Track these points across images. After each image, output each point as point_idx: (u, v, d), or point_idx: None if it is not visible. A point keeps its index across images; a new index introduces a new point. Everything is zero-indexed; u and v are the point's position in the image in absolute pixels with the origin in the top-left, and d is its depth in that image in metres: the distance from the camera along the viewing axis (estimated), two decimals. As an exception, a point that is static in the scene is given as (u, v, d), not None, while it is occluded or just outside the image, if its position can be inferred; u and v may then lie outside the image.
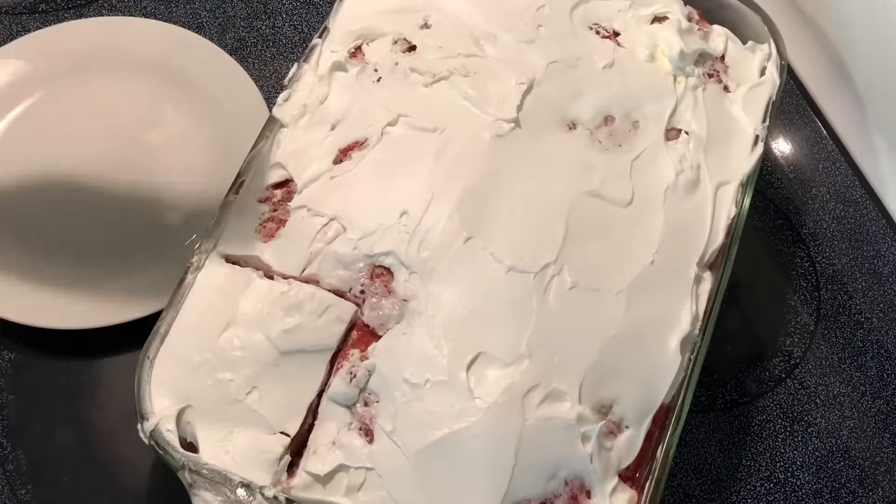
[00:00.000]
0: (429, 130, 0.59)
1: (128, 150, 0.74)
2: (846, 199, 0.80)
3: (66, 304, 0.65)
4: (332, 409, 0.51)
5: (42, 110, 0.75)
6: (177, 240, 0.69)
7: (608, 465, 0.51)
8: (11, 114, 0.74)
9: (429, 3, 0.66)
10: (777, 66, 0.67)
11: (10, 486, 0.61)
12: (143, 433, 0.49)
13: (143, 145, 0.74)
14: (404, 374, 0.51)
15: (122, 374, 0.65)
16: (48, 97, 0.75)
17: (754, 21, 0.70)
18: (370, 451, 0.50)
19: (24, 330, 0.64)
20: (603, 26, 0.67)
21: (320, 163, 0.59)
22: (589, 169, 0.59)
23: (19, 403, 0.64)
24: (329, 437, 0.51)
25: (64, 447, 0.63)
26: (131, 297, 0.65)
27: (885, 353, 0.73)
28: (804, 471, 0.67)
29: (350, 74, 0.63)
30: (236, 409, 0.50)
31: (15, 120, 0.74)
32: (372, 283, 0.55)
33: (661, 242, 0.57)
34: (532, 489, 0.49)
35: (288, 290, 0.53)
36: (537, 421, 0.50)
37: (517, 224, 0.56)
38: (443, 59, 0.63)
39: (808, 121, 0.85)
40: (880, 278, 0.76)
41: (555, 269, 0.55)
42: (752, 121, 0.64)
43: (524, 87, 0.61)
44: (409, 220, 0.55)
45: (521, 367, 0.52)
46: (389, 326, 0.53)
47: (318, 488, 0.49)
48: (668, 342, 0.54)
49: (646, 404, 0.53)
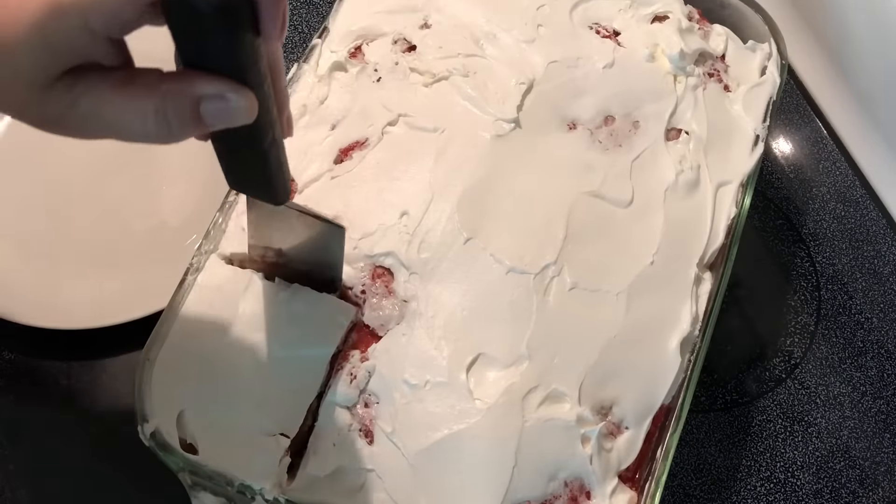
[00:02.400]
0: (429, 130, 0.59)
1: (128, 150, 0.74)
2: (846, 199, 0.80)
3: (66, 304, 0.65)
4: (333, 411, 0.51)
5: (42, 110, 0.75)
6: (177, 240, 0.69)
7: (608, 466, 0.51)
8: (11, 113, 0.74)
9: (429, 3, 0.66)
10: (777, 66, 0.67)
11: (10, 486, 0.61)
12: (143, 435, 0.49)
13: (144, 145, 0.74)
14: (404, 376, 0.51)
15: (122, 374, 0.65)
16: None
17: (755, 20, 0.70)
18: (370, 452, 0.50)
19: (24, 330, 0.64)
20: (603, 26, 0.67)
21: (321, 163, 0.59)
22: (589, 169, 0.59)
23: (19, 403, 0.64)
24: (329, 439, 0.51)
25: (64, 447, 0.63)
26: (131, 297, 0.65)
27: (885, 353, 0.73)
28: (804, 471, 0.67)
29: (350, 74, 0.63)
30: (236, 411, 0.50)
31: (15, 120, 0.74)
32: (373, 283, 0.55)
33: (661, 243, 0.57)
34: (532, 490, 0.50)
35: (288, 291, 0.53)
36: (537, 422, 0.51)
37: (517, 225, 0.56)
38: (443, 58, 0.63)
39: (808, 121, 0.85)
40: (880, 278, 0.76)
41: (555, 269, 0.55)
42: (752, 120, 0.64)
43: (524, 87, 0.61)
44: (410, 220, 0.55)
45: (520, 368, 0.52)
46: (389, 327, 0.53)
47: (319, 489, 0.49)
48: (668, 343, 0.54)
49: (646, 405, 0.53)
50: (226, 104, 0.35)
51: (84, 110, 0.34)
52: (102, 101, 0.34)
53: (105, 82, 0.34)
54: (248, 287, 0.54)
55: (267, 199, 0.44)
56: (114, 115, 0.34)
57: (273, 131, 0.39)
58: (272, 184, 0.42)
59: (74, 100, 0.34)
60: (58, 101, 0.34)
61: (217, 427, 0.50)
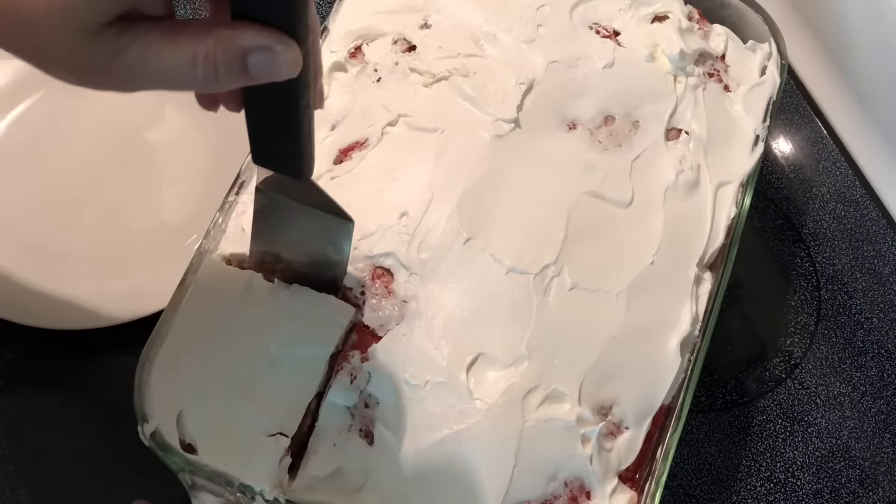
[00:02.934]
0: (429, 131, 0.59)
1: (128, 151, 0.74)
2: (846, 199, 0.80)
3: (66, 304, 0.65)
4: (333, 411, 0.51)
5: (42, 110, 0.75)
6: (177, 240, 0.69)
7: (608, 466, 0.51)
8: (11, 114, 0.74)
9: (428, 3, 0.66)
10: (778, 66, 0.67)
11: (9, 485, 0.61)
12: (143, 435, 0.49)
13: (143, 145, 0.74)
14: (404, 376, 0.51)
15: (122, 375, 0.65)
16: (48, 97, 0.75)
17: (755, 20, 0.70)
18: (370, 452, 0.50)
19: (24, 330, 0.64)
20: (603, 26, 0.67)
21: (320, 163, 0.59)
22: (589, 169, 0.59)
23: (19, 403, 0.64)
24: (330, 439, 0.50)
25: (64, 447, 0.63)
26: (131, 297, 0.65)
27: (885, 353, 0.73)
28: (804, 471, 0.67)
29: (350, 74, 0.63)
30: (235, 410, 0.50)
31: (15, 120, 0.74)
32: (373, 283, 0.55)
33: (661, 243, 0.57)
34: (532, 490, 0.50)
35: (288, 291, 0.53)
36: (537, 422, 0.51)
37: (517, 225, 0.56)
38: (443, 59, 0.63)
39: (808, 121, 0.85)
40: (880, 278, 0.76)
41: (555, 269, 0.55)
42: (752, 120, 0.64)
43: (524, 87, 0.61)
44: (409, 220, 0.56)
45: (520, 368, 0.52)
46: (389, 328, 0.53)
47: (319, 490, 0.49)
48: (667, 343, 0.54)
49: (646, 405, 0.53)
50: (273, 56, 0.35)
51: (132, 58, 0.33)
52: (152, 49, 0.34)
53: (155, 30, 0.34)
54: (248, 287, 0.54)
55: (291, 173, 0.43)
56: (162, 62, 0.34)
57: (309, 94, 0.38)
58: (301, 153, 0.41)
59: (124, 46, 0.33)
60: (106, 48, 0.33)
61: (217, 427, 0.50)
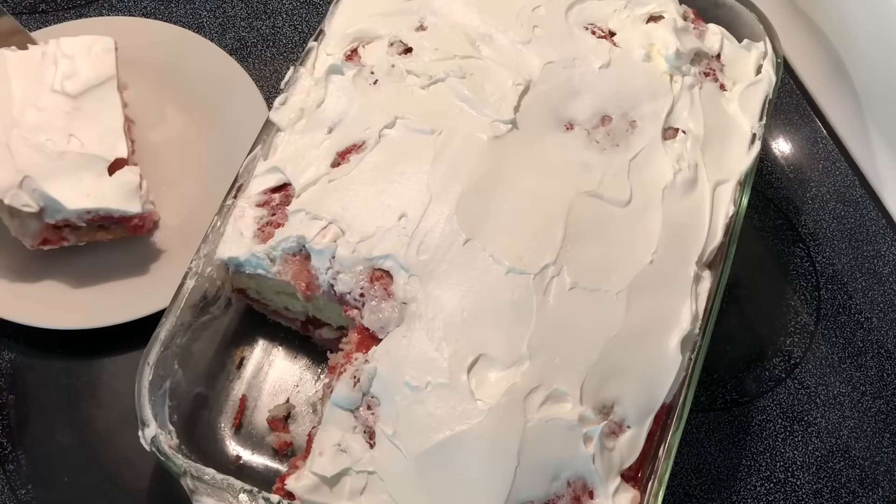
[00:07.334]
0: (426, 132, 0.59)
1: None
2: (846, 199, 0.80)
3: (66, 304, 0.65)
4: (337, 413, 0.51)
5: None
6: (177, 240, 0.69)
7: (610, 465, 0.51)
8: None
9: (424, 5, 0.66)
10: (773, 64, 0.67)
11: (10, 486, 0.61)
12: (144, 440, 0.49)
13: (143, 145, 0.74)
14: (405, 378, 0.51)
15: (122, 375, 0.65)
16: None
17: (749, 19, 0.70)
18: (372, 454, 0.50)
19: (24, 330, 0.64)
20: (599, 26, 0.67)
21: (318, 166, 0.59)
22: (587, 169, 0.59)
23: (19, 403, 0.64)
24: (334, 440, 0.51)
25: (64, 447, 0.63)
26: (131, 297, 0.66)
27: (885, 353, 0.73)
28: (804, 471, 0.67)
29: (346, 77, 0.63)
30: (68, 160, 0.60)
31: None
32: (371, 286, 0.54)
33: (659, 242, 0.57)
34: (535, 490, 0.49)
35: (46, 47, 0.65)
36: (539, 422, 0.50)
37: (516, 225, 0.56)
38: (439, 60, 0.62)
39: (808, 120, 0.85)
40: (880, 278, 0.76)
41: (554, 269, 0.55)
42: (748, 119, 0.64)
43: (521, 88, 0.61)
44: (408, 222, 0.55)
45: (521, 368, 0.52)
46: (389, 330, 0.53)
47: (323, 491, 0.49)
48: (668, 341, 0.54)
49: (647, 404, 0.53)
50: None
51: None
52: None
53: None
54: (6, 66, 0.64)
55: None
56: None
57: None
58: None
59: None
60: None
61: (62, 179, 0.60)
